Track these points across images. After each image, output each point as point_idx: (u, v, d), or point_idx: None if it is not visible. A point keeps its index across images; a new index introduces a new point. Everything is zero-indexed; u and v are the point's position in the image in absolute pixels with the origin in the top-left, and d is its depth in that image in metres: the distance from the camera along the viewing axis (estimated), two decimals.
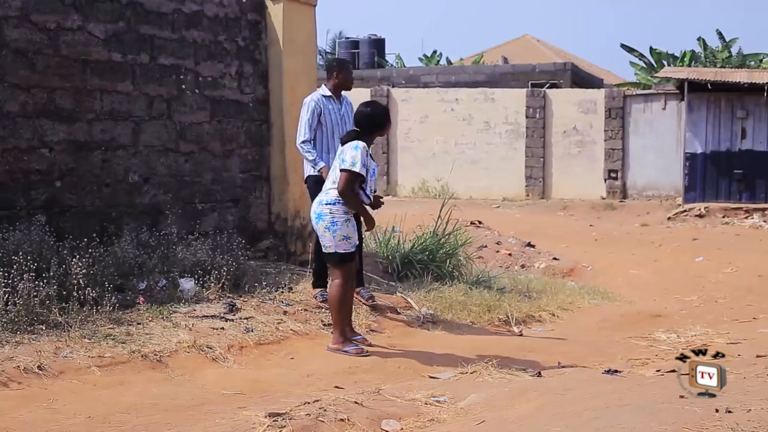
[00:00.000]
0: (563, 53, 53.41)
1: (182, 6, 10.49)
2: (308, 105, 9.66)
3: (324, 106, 9.66)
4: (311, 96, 9.78)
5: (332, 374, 7.76)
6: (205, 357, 7.81)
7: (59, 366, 7.04)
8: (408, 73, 36.71)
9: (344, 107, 9.80)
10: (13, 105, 9.01)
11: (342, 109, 9.78)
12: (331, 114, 9.67)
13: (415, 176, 31.23)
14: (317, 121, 9.61)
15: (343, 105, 9.81)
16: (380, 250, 12.60)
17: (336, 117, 9.70)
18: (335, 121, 9.68)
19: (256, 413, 6.09)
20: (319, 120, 9.62)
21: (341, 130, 9.51)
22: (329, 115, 9.66)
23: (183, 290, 9.17)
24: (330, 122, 9.65)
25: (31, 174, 9.15)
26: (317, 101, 9.66)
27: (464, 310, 10.46)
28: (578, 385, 6.60)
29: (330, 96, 9.74)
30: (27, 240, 8.49)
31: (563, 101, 30.68)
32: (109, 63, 9.78)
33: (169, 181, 10.27)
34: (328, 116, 9.65)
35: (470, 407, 6.33)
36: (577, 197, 29.65)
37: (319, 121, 9.62)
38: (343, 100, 9.86)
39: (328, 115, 9.66)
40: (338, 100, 9.80)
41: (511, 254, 18.38)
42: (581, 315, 11.93)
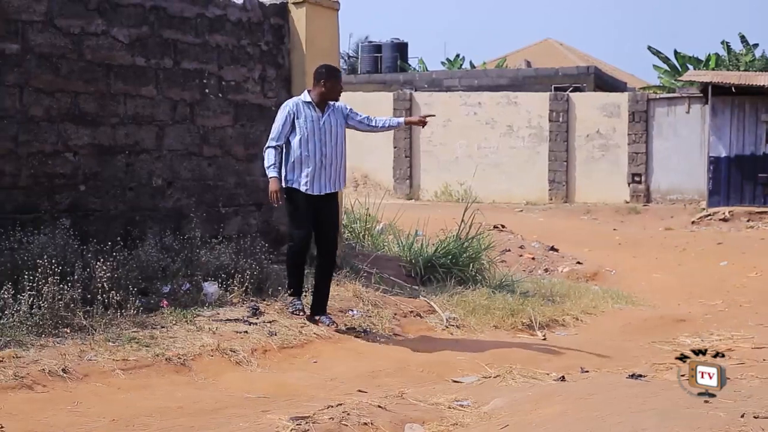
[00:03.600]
0: (586, 57, 53.28)
1: (205, 10, 10.52)
2: (282, 109, 9.13)
3: (300, 112, 9.01)
4: (289, 100, 9.30)
5: (355, 378, 7.76)
6: (228, 360, 7.83)
7: (84, 369, 7.07)
8: (431, 77, 36.71)
9: (328, 117, 9.07)
10: (38, 109, 9.06)
11: (324, 118, 9.04)
12: (307, 121, 8.98)
13: (437, 180, 31.20)
14: (290, 128, 8.99)
15: (326, 114, 9.07)
16: (403, 253, 12.60)
17: (314, 126, 8.97)
18: (313, 129, 8.96)
19: (280, 417, 6.10)
20: (293, 127, 9.00)
21: (320, 140, 8.96)
22: (306, 123, 8.96)
23: (206, 294, 9.19)
24: (306, 130, 8.95)
25: (56, 178, 9.19)
26: (293, 106, 9.07)
27: (487, 314, 10.44)
28: (602, 390, 6.58)
29: (310, 102, 9.06)
30: (51, 244, 8.53)
31: (586, 105, 30.59)
32: (132, 67, 9.82)
33: (193, 185, 10.29)
34: (305, 124, 8.96)
35: (494, 411, 6.32)
36: (601, 201, 29.53)
37: (294, 127, 9.00)
38: (329, 110, 9.12)
39: (304, 122, 8.97)
40: (320, 108, 9.06)
41: (535, 258, 18.32)
42: (605, 319, 11.89)
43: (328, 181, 9.04)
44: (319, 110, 9.07)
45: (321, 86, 9.08)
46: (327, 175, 9.02)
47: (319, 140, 8.98)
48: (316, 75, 9.21)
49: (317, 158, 8.94)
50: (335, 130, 9.10)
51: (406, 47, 43.55)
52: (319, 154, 8.95)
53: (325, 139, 9.01)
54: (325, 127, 9.03)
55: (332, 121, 9.10)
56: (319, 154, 8.96)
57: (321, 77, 9.13)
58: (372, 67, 41.73)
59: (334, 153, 9.07)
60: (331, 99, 9.16)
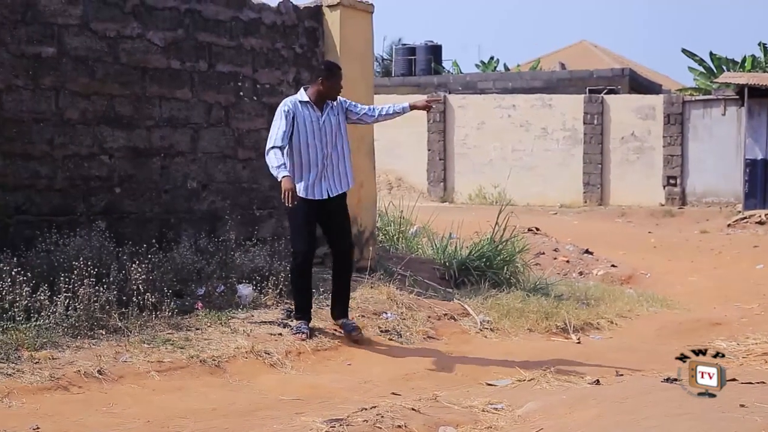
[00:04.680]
0: (621, 59, 53.07)
1: (240, 14, 10.55)
2: (279, 110, 8.56)
3: (298, 112, 8.53)
4: (285, 100, 8.73)
5: (389, 380, 7.76)
6: (262, 363, 7.84)
7: (119, 370, 7.11)
8: (465, 80, 36.68)
9: (328, 116, 8.63)
10: (74, 112, 9.12)
11: (323, 117, 8.59)
12: (306, 122, 8.51)
13: (471, 183, 31.17)
14: (291, 128, 8.48)
15: (325, 113, 8.62)
16: (437, 256, 12.59)
17: (313, 126, 8.53)
18: (312, 130, 8.52)
19: (314, 419, 6.11)
20: (291, 127, 8.50)
21: (321, 141, 8.54)
22: (304, 124, 8.50)
23: (241, 296, 9.21)
24: (304, 131, 8.50)
25: (91, 180, 9.25)
26: (291, 105, 8.55)
27: (521, 318, 10.41)
28: (637, 393, 6.54)
29: (307, 102, 8.59)
30: (87, 246, 8.59)
31: (621, 107, 30.48)
32: (167, 70, 9.86)
33: (227, 188, 10.32)
34: (302, 124, 8.50)
35: (528, 415, 6.30)
36: (636, 204, 29.41)
37: (293, 128, 8.51)
38: (328, 108, 8.66)
39: (303, 123, 8.50)
40: (319, 108, 8.61)
41: (569, 261, 18.26)
42: (640, 323, 11.83)
43: (333, 183, 8.66)
44: (318, 109, 8.61)
45: (319, 84, 8.61)
46: (332, 176, 8.64)
47: (319, 141, 8.54)
48: (316, 71, 8.89)
49: (319, 160, 8.52)
50: (336, 129, 8.67)
51: (440, 50, 43.50)
52: (321, 155, 8.53)
53: (326, 139, 8.58)
54: (326, 127, 8.59)
55: (332, 119, 8.66)
56: (321, 156, 8.53)
57: (320, 75, 8.69)
58: (406, 70, 41.73)
59: (337, 153, 8.66)
60: (329, 98, 8.68)
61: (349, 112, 8.84)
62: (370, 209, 11.59)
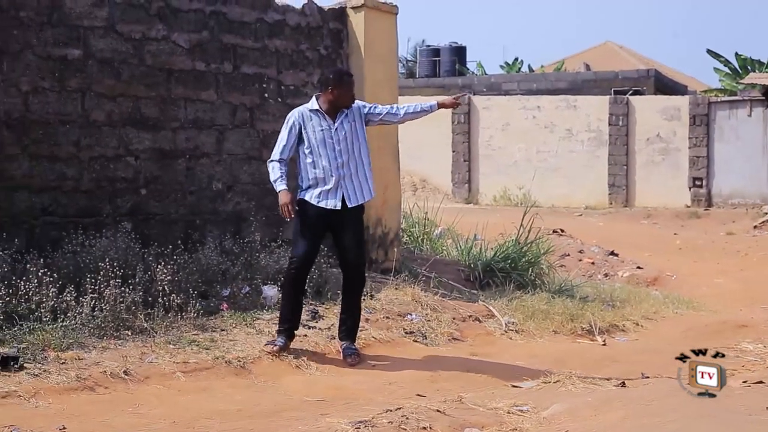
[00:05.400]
0: (646, 60, 52.89)
1: (265, 15, 10.57)
2: (287, 120, 8.23)
3: (307, 122, 8.12)
4: (294, 110, 8.32)
5: (414, 382, 7.75)
6: (287, 364, 7.85)
7: (144, 371, 7.14)
8: (489, 81, 36.62)
9: (341, 124, 8.14)
10: (100, 114, 9.17)
11: (336, 125, 8.12)
12: (316, 132, 8.08)
13: (496, 184, 31.09)
14: (295, 140, 8.13)
15: (338, 122, 8.13)
16: (462, 258, 12.58)
17: (324, 135, 8.08)
18: (323, 139, 8.07)
19: (339, 420, 6.11)
20: (300, 137, 8.15)
21: (335, 150, 8.08)
22: (314, 133, 8.08)
23: (266, 297, 9.23)
24: (315, 140, 8.08)
25: (117, 182, 9.29)
26: (299, 116, 8.16)
27: (547, 319, 10.38)
28: (662, 396, 6.51)
29: (317, 110, 8.15)
30: (113, 247, 8.64)
31: (646, 108, 30.34)
32: (193, 72, 9.90)
33: (252, 189, 10.34)
34: (312, 134, 8.08)
35: (553, 417, 6.28)
36: (661, 205, 29.27)
37: (301, 138, 8.15)
38: (342, 116, 8.17)
39: (312, 133, 8.08)
40: (332, 116, 8.14)
41: (594, 263, 18.21)
42: (665, 325, 11.77)
43: (351, 193, 8.15)
44: (330, 118, 8.13)
45: (329, 93, 8.14)
46: (349, 185, 8.14)
47: (332, 150, 8.07)
48: (324, 80, 8.33)
49: (333, 169, 8.05)
50: (352, 136, 8.18)
51: (465, 51, 43.45)
52: (335, 164, 8.05)
53: (339, 147, 8.09)
54: (339, 135, 8.11)
55: (347, 127, 8.16)
56: (336, 165, 8.05)
57: (328, 83, 8.18)
58: (430, 71, 41.70)
59: (355, 161, 8.17)
60: (342, 106, 8.18)
61: (370, 116, 8.37)
62: (394, 211, 11.59)
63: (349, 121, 8.19)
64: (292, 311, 8.21)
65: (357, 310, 8.46)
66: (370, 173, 8.34)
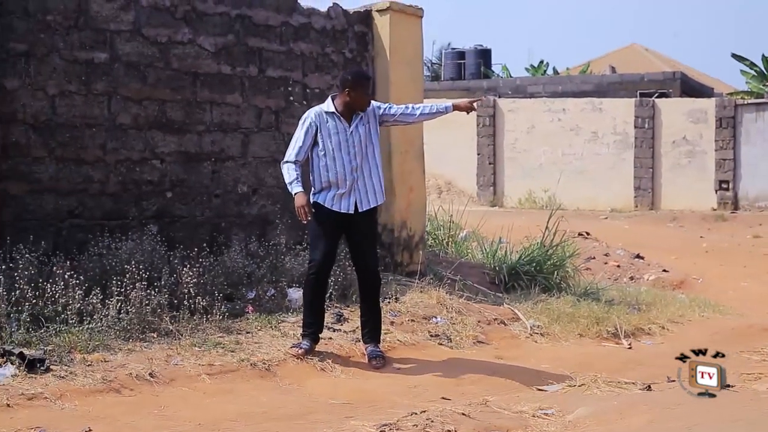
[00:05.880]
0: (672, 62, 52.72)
1: (290, 19, 10.59)
2: (302, 122, 8.15)
3: (323, 124, 8.05)
4: (309, 111, 8.25)
5: (438, 385, 7.74)
6: (313, 366, 7.86)
7: (170, 373, 7.16)
8: (514, 84, 36.60)
9: (356, 127, 8.08)
10: (126, 117, 9.21)
11: (351, 128, 8.05)
12: (331, 134, 8.02)
13: (521, 187, 31.05)
14: (311, 141, 8.06)
15: (354, 124, 8.07)
16: (487, 261, 12.57)
17: (339, 138, 8.02)
18: (338, 142, 8.01)
19: (364, 423, 6.11)
20: (315, 140, 8.08)
21: (349, 153, 8.03)
22: (329, 135, 8.02)
23: (291, 300, 9.24)
24: (329, 142, 8.01)
25: (143, 185, 9.33)
26: (315, 117, 8.08)
27: (572, 322, 10.35)
28: (689, 400, 6.48)
29: (333, 113, 8.07)
30: (139, 249, 8.67)
31: (672, 111, 30.23)
32: (218, 75, 9.93)
33: (277, 192, 10.35)
34: (327, 137, 8.02)
35: (578, 420, 6.26)
36: (687, 208, 29.16)
37: (316, 141, 8.08)
38: (357, 118, 8.10)
39: (328, 136, 8.02)
40: (347, 118, 8.07)
41: (620, 266, 18.15)
42: (692, 328, 11.72)
43: (363, 197, 8.11)
44: (345, 121, 8.07)
45: (346, 95, 8.04)
46: (362, 189, 8.09)
47: (347, 153, 8.02)
48: (341, 81, 8.21)
49: (348, 172, 8.00)
50: (366, 140, 8.12)
51: (490, 54, 43.44)
52: (349, 168, 8.00)
53: (354, 150, 8.03)
54: (354, 139, 8.05)
55: (362, 130, 8.10)
56: (350, 168, 8.00)
57: (345, 85, 8.07)
58: (455, 74, 41.69)
59: (368, 164, 8.12)
60: (357, 110, 8.10)
61: (385, 116, 8.30)
62: (419, 213, 11.58)
63: (363, 124, 8.13)
64: (316, 315, 8.20)
65: (377, 312, 8.44)
66: (382, 177, 8.32)
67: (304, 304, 8.32)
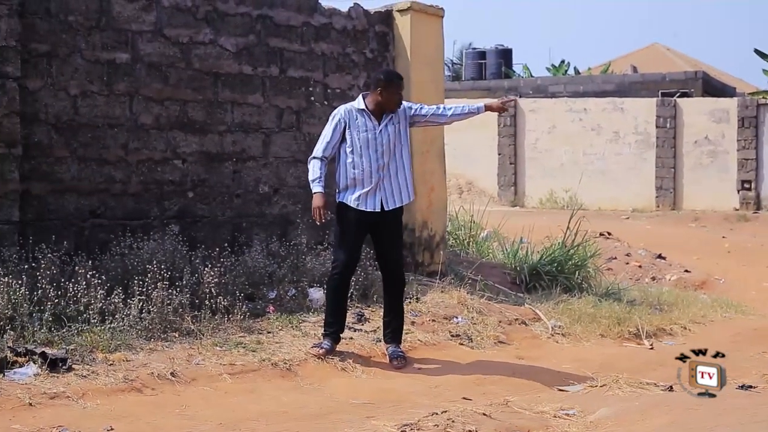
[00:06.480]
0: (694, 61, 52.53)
1: (311, 19, 10.60)
2: (331, 118, 8.15)
3: (352, 120, 8.03)
4: (339, 108, 8.23)
5: (459, 385, 7.74)
6: (334, 366, 7.86)
7: (191, 373, 7.18)
8: (535, 83, 36.53)
9: (386, 127, 8.04)
10: (147, 117, 9.24)
11: (380, 127, 8.01)
12: (360, 131, 7.98)
13: (542, 187, 31.00)
14: (339, 138, 8.05)
15: (383, 124, 8.03)
16: (508, 261, 12.55)
17: (368, 136, 7.97)
18: (367, 140, 7.97)
19: (385, 423, 6.12)
20: (343, 136, 8.07)
21: (377, 152, 7.99)
22: (358, 133, 7.98)
23: (312, 300, 9.26)
24: (358, 140, 7.97)
25: (165, 185, 9.35)
26: (345, 114, 8.06)
27: (593, 323, 10.33)
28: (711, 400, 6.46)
29: (364, 110, 8.04)
30: (161, 249, 8.69)
31: (694, 110, 30.11)
32: (239, 76, 9.95)
33: (299, 192, 10.36)
34: (356, 133, 7.98)
35: (600, 421, 6.25)
36: (709, 208, 29.04)
37: (344, 137, 8.06)
38: (387, 118, 8.07)
39: (356, 132, 7.98)
40: (377, 117, 8.04)
41: (642, 266, 18.11)
42: (714, 329, 11.67)
43: (389, 195, 8.07)
44: (375, 119, 8.03)
45: (377, 94, 8.02)
46: (388, 187, 8.04)
47: (374, 152, 7.98)
48: (374, 80, 8.24)
49: (374, 171, 7.97)
50: (395, 139, 8.08)
51: (511, 53, 43.39)
52: (375, 166, 7.96)
53: (382, 149, 8.00)
54: (383, 138, 8.00)
55: (391, 129, 8.06)
56: (376, 166, 7.97)
57: (378, 85, 8.06)
58: (476, 74, 41.68)
59: (395, 163, 8.08)
60: (388, 110, 8.07)
61: (416, 117, 8.27)
62: (440, 213, 11.57)
63: (393, 124, 8.09)
64: (337, 315, 8.17)
65: (400, 312, 8.41)
66: (411, 176, 8.28)
67: (327, 304, 8.31)
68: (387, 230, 8.17)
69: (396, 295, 8.33)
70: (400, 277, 8.37)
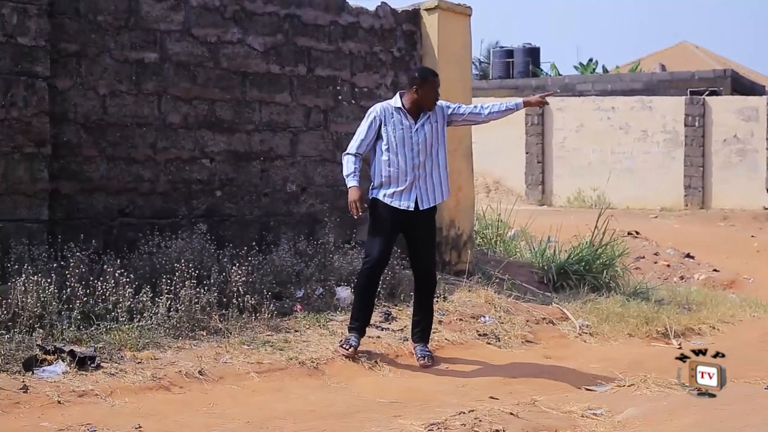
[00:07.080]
0: (722, 60, 52.24)
1: (338, 18, 10.62)
2: (367, 115, 8.12)
3: (388, 118, 7.99)
4: (376, 105, 8.19)
5: (487, 384, 7.73)
6: (361, 365, 7.88)
7: (219, 371, 7.21)
8: (563, 82, 36.40)
9: (422, 126, 8.03)
10: (176, 117, 9.27)
11: (417, 126, 8.00)
12: (396, 129, 7.95)
13: (570, 186, 30.90)
14: (374, 135, 8.02)
15: (420, 122, 8.02)
16: (535, 260, 12.53)
17: (404, 134, 7.95)
18: (402, 138, 7.94)
19: (412, 422, 6.11)
20: (379, 134, 8.03)
21: (412, 150, 7.96)
22: (394, 131, 7.95)
23: (339, 299, 9.27)
24: (394, 138, 7.94)
25: (193, 184, 9.39)
26: (380, 112, 8.03)
27: (621, 322, 10.30)
28: (738, 400, 6.43)
29: (400, 108, 8.01)
30: (189, 248, 8.73)
31: (723, 109, 29.94)
32: (267, 75, 9.97)
33: (326, 191, 10.39)
34: (392, 132, 7.95)
35: (628, 421, 6.23)
36: (738, 207, 28.88)
37: (379, 134, 8.03)
38: (424, 116, 8.06)
39: (393, 131, 7.95)
40: (414, 116, 8.02)
41: (670, 265, 18.05)
42: (742, 328, 11.62)
43: (424, 194, 8.03)
44: (412, 117, 8.01)
45: (413, 92, 8.00)
46: (423, 186, 8.01)
47: (410, 150, 7.96)
48: (410, 78, 8.21)
49: (409, 169, 7.93)
50: (431, 139, 8.05)
51: (538, 52, 43.25)
52: (411, 165, 7.94)
53: (417, 148, 7.98)
54: (419, 136, 7.99)
55: (427, 128, 8.04)
56: (412, 165, 7.94)
57: (414, 83, 8.04)
58: (504, 73, 41.58)
59: (431, 162, 8.05)
60: (425, 108, 8.05)
61: (453, 116, 8.23)
62: (467, 212, 11.56)
63: (430, 123, 8.07)
64: (365, 311, 8.16)
65: (429, 312, 8.37)
66: (446, 175, 8.22)
67: (355, 299, 8.31)
68: (421, 229, 8.13)
69: (427, 294, 8.30)
70: (432, 277, 8.33)
